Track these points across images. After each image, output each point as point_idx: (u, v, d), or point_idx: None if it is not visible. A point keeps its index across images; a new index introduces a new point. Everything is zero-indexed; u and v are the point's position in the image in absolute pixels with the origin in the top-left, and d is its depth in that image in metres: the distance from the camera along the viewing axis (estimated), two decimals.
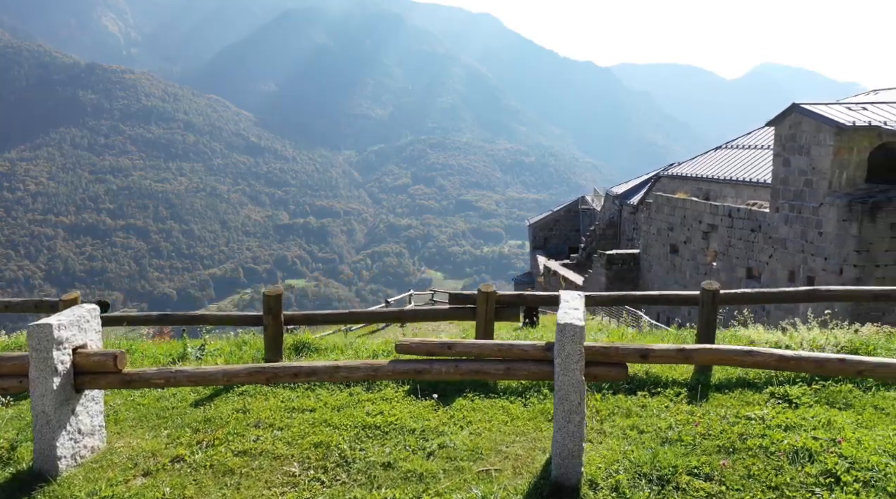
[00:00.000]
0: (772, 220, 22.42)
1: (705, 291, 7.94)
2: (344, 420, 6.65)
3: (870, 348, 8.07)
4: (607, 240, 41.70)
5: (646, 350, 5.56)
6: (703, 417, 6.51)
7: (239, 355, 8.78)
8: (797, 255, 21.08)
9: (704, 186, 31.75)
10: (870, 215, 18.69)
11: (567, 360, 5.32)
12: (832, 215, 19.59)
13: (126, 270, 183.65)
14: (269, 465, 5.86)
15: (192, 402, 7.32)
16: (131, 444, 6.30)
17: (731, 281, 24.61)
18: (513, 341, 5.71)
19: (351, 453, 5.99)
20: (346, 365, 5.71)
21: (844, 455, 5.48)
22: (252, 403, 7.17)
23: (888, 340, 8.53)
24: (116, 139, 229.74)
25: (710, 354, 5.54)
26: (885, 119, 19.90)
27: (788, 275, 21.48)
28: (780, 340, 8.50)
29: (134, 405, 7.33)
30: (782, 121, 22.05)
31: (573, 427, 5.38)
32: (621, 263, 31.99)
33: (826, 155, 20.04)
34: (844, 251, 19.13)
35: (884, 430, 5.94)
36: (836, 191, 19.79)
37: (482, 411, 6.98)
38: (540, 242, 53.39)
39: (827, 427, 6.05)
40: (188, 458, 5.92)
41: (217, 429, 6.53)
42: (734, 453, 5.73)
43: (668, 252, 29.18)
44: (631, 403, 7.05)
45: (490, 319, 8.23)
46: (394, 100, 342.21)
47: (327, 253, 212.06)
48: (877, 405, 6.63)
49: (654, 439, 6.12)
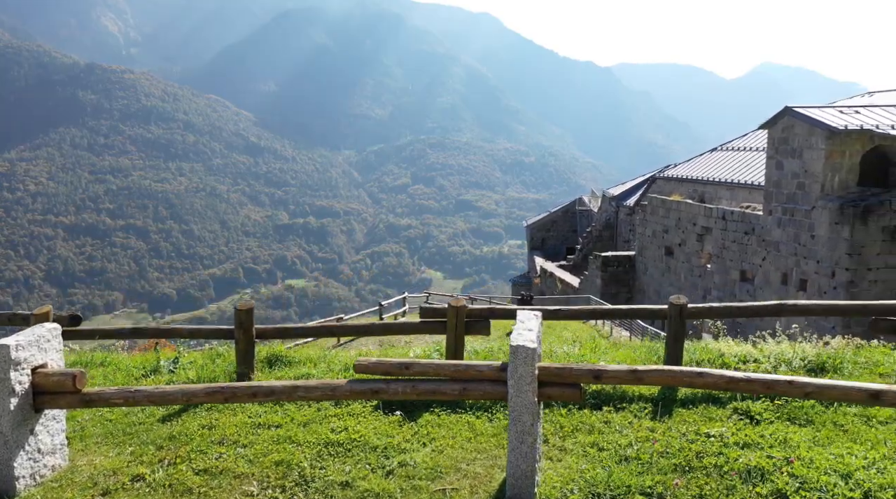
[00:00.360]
0: (765, 222, 22.48)
1: (672, 306, 7.98)
2: (308, 437, 6.70)
3: (836, 362, 8.10)
4: (604, 241, 41.81)
5: (599, 371, 5.60)
6: (663, 434, 6.55)
7: (211, 368, 8.82)
8: (790, 258, 21.13)
9: (700, 188, 31.80)
10: (861, 219, 18.73)
11: (520, 381, 5.36)
12: (824, 218, 19.64)
13: (126, 271, 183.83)
14: (229, 484, 5.90)
15: (160, 417, 7.36)
16: (94, 462, 6.34)
17: (724, 283, 24.68)
18: (469, 362, 5.75)
19: (311, 472, 6.03)
20: (303, 385, 5.75)
21: (796, 474, 5.52)
22: (219, 418, 7.22)
23: (856, 353, 8.57)
24: (116, 139, 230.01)
25: (661, 375, 5.58)
26: (877, 122, 19.93)
27: (781, 278, 21.54)
28: (750, 354, 8.53)
29: (101, 421, 7.37)
30: (775, 124, 22.10)
31: (526, 448, 5.42)
32: (617, 264, 32.10)
33: (818, 158, 20.09)
34: (836, 254, 19.18)
35: (838, 448, 5.98)
36: (828, 194, 19.84)
37: (447, 427, 7.02)
38: (538, 242, 53.49)
39: (783, 445, 6.09)
40: (148, 477, 5.97)
41: (181, 446, 6.58)
42: (689, 472, 5.77)
43: (663, 254, 29.26)
44: (595, 418, 7.09)
45: (460, 334, 8.26)
46: (394, 100, 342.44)
47: (327, 253, 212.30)
48: (836, 422, 6.67)
49: (612, 457, 6.16)
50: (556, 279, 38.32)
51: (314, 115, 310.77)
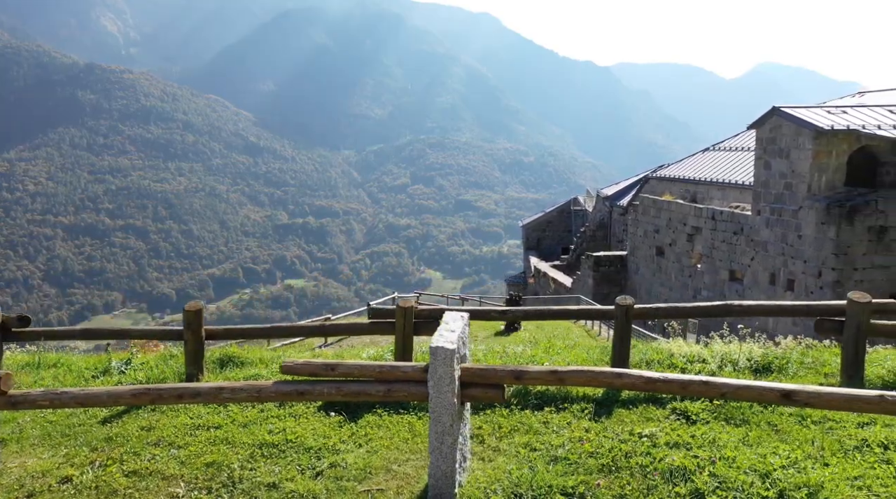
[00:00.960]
0: (754, 222, 22.46)
1: (619, 307, 8.00)
2: (245, 438, 6.72)
3: (782, 363, 8.12)
4: (597, 241, 41.79)
5: (520, 372, 5.62)
6: (597, 434, 6.56)
7: (162, 369, 8.84)
8: (778, 257, 21.12)
9: (692, 188, 31.78)
10: (847, 219, 18.70)
11: (439, 382, 5.38)
12: (811, 218, 19.62)
13: (125, 271, 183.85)
14: (156, 486, 5.92)
15: (102, 419, 7.39)
16: (25, 464, 6.37)
17: (714, 283, 24.69)
18: (394, 363, 5.77)
19: (240, 473, 6.05)
20: (229, 387, 5.77)
21: (716, 474, 5.54)
22: (160, 420, 7.24)
23: (803, 354, 8.58)
24: (115, 139, 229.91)
25: (581, 376, 5.60)
26: (864, 122, 19.89)
27: (770, 277, 21.54)
28: (699, 354, 8.55)
29: (42, 423, 7.39)
30: (763, 124, 22.08)
31: (446, 449, 5.44)
32: (608, 264, 32.09)
33: (805, 158, 20.05)
34: (823, 254, 19.17)
35: (764, 448, 5.99)
36: (815, 194, 19.81)
37: (387, 428, 7.04)
38: (533, 242, 53.47)
39: (711, 445, 6.11)
40: (76, 478, 5.99)
41: (115, 448, 6.60)
42: (614, 473, 5.78)
43: (655, 254, 29.23)
44: (535, 419, 7.10)
45: (408, 335, 8.28)
46: (393, 100, 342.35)
47: (326, 253, 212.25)
48: (771, 422, 6.68)
49: (543, 457, 6.17)
50: (549, 279, 38.34)
51: (314, 115, 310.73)
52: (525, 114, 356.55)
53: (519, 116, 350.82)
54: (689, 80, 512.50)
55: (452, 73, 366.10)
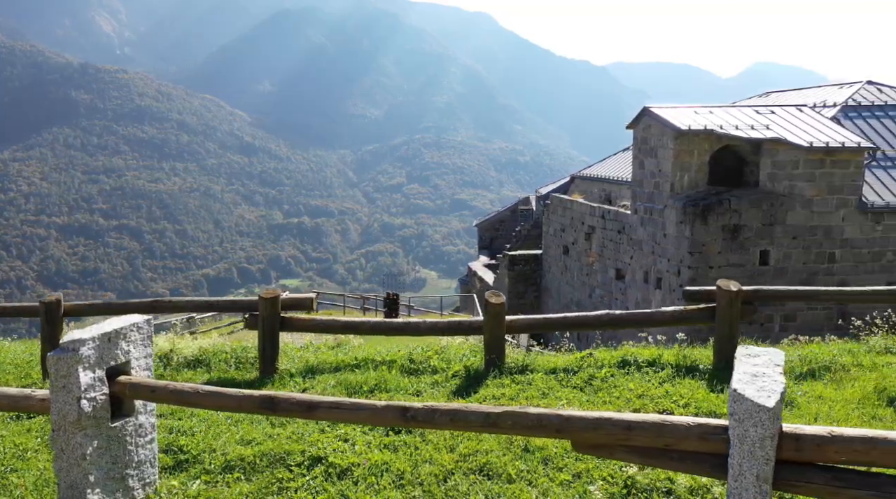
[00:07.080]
0: (632, 221, 22.95)
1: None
2: None
3: None
4: (532, 240, 42.28)
5: None
6: None
7: None
8: (650, 256, 21.66)
9: (608, 187, 32.30)
10: (702, 218, 19.21)
11: None
12: (672, 217, 20.14)
13: (119, 271, 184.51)
14: None
15: None
16: None
17: (605, 282, 25.28)
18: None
19: None
20: None
21: None
22: None
23: None
24: (110, 139, 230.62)
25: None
26: (722, 123, 20.34)
27: (644, 276, 22.09)
28: None
29: None
30: (637, 123, 22.55)
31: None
32: (524, 263, 32.62)
33: (668, 157, 20.49)
34: (681, 253, 19.70)
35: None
36: (677, 193, 20.28)
37: None
38: (486, 242, 53.97)
39: None
40: None
41: None
42: None
43: (561, 253, 29.77)
44: None
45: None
46: (390, 99, 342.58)
47: (321, 253, 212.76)
48: None
49: None
50: (476, 278, 38.97)
51: (310, 115, 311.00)
52: (521, 113, 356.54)
53: (515, 116, 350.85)
54: (686, 80, 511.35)
55: (449, 72, 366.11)
